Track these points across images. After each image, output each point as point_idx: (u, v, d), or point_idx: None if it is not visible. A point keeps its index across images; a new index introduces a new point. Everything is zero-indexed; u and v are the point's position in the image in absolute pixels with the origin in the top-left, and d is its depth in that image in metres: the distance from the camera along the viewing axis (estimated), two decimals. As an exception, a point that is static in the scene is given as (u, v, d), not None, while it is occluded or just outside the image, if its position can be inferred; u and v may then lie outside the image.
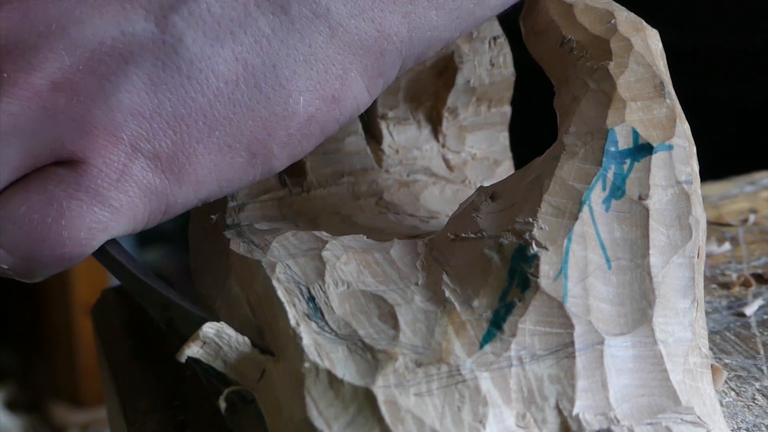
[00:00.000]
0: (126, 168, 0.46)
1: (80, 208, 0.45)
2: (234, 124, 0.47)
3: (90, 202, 0.45)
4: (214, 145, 0.47)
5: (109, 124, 0.45)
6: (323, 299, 0.47)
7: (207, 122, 0.46)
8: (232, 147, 0.47)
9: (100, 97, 0.45)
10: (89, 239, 0.46)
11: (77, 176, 0.45)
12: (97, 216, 0.45)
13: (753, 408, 0.52)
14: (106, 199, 0.46)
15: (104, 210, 0.46)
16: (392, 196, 0.58)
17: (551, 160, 0.48)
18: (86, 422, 1.90)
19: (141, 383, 0.55)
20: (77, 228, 0.45)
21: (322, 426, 0.43)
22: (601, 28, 0.50)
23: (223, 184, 0.48)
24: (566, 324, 0.45)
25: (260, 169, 0.48)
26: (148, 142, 0.46)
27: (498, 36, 0.60)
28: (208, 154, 0.47)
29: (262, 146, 0.47)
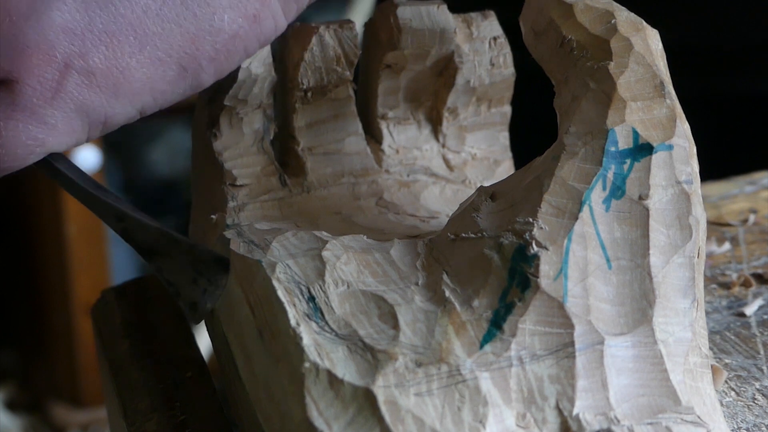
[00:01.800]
0: (60, 85, 0.47)
1: (16, 127, 0.47)
2: (163, 38, 0.49)
3: (26, 120, 0.47)
4: (146, 59, 0.49)
5: (42, 42, 0.47)
6: (323, 299, 0.47)
7: (137, 37, 0.48)
8: (162, 61, 0.49)
9: (31, 17, 0.47)
10: (26, 154, 0.48)
11: (13, 95, 0.47)
12: (32, 133, 0.47)
13: (753, 408, 0.52)
14: (41, 116, 0.47)
15: (40, 127, 0.48)
16: (392, 196, 0.58)
17: (551, 160, 0.48)
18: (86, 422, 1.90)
19: (141, 383, 0.55)
20: (14, 145, 0.47)
21: (322, 426, 0.43)
22: (601, 28, 0.50)
23: (157, 96, 0.50)
24: (566, 324, 0.45)
25: (190, 81, 0.51)
26: (81, 58, 0.48)
27: (498, 36, 0.60)
28: (140, 68, 0.49)
29: (192, 60, 0.50)
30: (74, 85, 0.48)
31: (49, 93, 0.47)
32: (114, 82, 0.48)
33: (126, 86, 0.49)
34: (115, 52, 0.48)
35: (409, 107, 0.60)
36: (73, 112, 0.48)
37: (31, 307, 2.05)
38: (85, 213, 1.85)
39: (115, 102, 0.49)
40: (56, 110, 0.48)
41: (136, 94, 0.49)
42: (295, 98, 0.57)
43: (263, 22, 0.51)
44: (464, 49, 0.59)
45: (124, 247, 2.04)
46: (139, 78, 0.49)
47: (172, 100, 0.51)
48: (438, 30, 0.58)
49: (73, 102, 0.48)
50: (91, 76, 0.48)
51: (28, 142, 0.47)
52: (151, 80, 0.49)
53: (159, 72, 0.49)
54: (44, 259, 1.96)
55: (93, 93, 0.48)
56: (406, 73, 0.59)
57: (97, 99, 0.48)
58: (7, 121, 0.47)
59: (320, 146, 0.58)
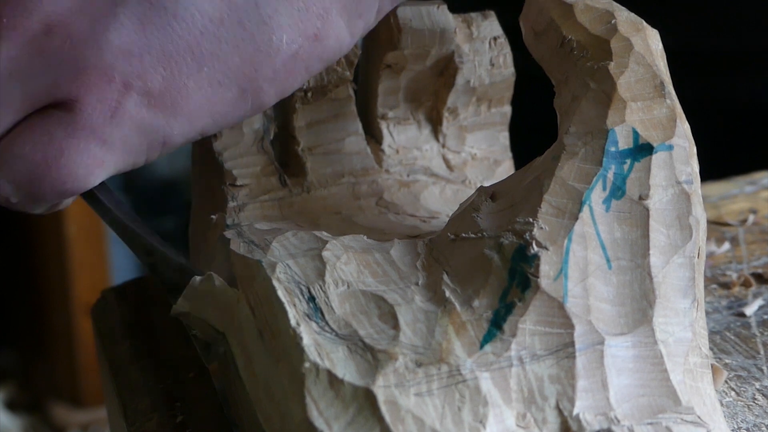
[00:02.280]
0: (119, 105, 0.48)
1: (77, 146, 0.48)
2: (221, 60, 0.49)
3: (86, 139, 0.48)
4: (204, 80, 0.49)
5: (101, 63, 0.47)
6: (323, 299, 0.47)
7: (195, 58, 0.48)
8: (221, 82, 0.49)
9: (91, 38, 0.47)
10: (87, 174, 0.48)
11: (74, 115, 0.47)
12: (93, 152, 0.48)
13: (753, 408, 0.52)
14: (101, 136, 0.48)
15: (99, 146, 0.48)
16: (392, 196, 0.58)
17: (551, 160, 0.48)
18: (86, 422, 1.90)
19: (141, 383, 0.55)
20: (75, 165, 0.48)
21: (322, 426, 0.43)
22: (601, 28, 0.50)
23: (217, 118, 0.50)
24: (566, 324, 0.45)
25: (251, 103, 0.50)
26: (140, 78, 0.48)
27: (498, 36, 0.60)
28: (198, 89, 0.49)
29: (250, 81, 0.49)
30: (133, 105, 0.48)
31: (109, 112, 0.47)
32: (172, 103, 0.48)
33: (184, 107, 0.48)
34: (172, 73, 0.48)
35: (409, 107, 0.60)
36: (132, 132, 0.48)
37: (31, 307, 2.05)
38: (85, 213, 1.86)
39: (174, 122, 0.49)
40: (115, 129, 0.48)
41: (195, 115, 0.49)
42: (295, 98, 0.57)
43: (325, 41, 0.50)
44: (464, 49, 0.59)
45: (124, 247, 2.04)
46: (197, 99, 0.49)
47: (233, 121, 0.51)
48: (438, 30, 0.58)
49: (132, 121, 0.48)
50: (150, 97, 0.48)
51: (88, 162, 0.48)
52: (210, 102, 0.49)
53: (218, 94, 0.49)
54: (44, 259, 1.96)
55: (151, 113, 0.48)
56: (406, 73, 0.59)
57: (156, 119, 0.48)
58: (68, 140, 0.47)
59: (320, 146, 0.58)
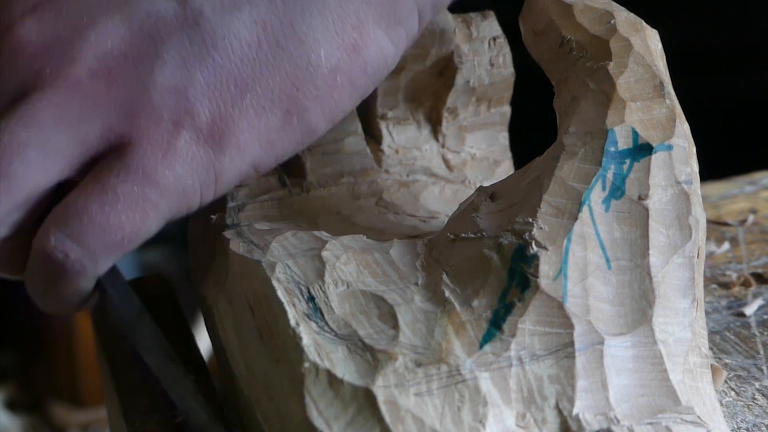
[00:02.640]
0: (170, 144, 0.48)
1: (132, 191, 0.47)
2: (262, 83, 0.49)
3: (140, 183, 0.47)
4: (248, 106, 0.49)
5: (148, 104, 0.47)
6: (323, 299, 0.47)
7: (238, 86, 0.48)
8: (264, 107, 0.49)
9: (136, 80, 0.48)
10: (145, 220, 0.48)
11: (126, 159, 0.47)
12: (148, 196, 0.48)
13: (753, 408, 0.52)
14: (154, 178, 0.47)
15: (154, 188, 0.48)
16: (392, 196, 0.58)
17: (551, 160, 0.48)
18: (86, 422, 1.90)
19: (141, 383, 0.55)
20: (132, 210, 0.47)
21: (322, 426, 0.43)
22: (600, 28, 0.50)
23: (266, 146, 0.49)
24: (566, 324, 0.45)
25: (299, 127, 0.50)
26: (188, 115, 0.48)
27: (498, 36, 0.60)
28: (244, 116, 0.49)
29: (293, 102, 0.49)
30: (183, 142, 0.48)
31: (161, 152, 0.47)
32: (220, 135, 0.48)
33: (231, 138, 0.48)
34: (218, 104, 0.48)
35: (409, 107, 0.60)
36: (184, 171, 0.48)
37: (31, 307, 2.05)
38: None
39: (222, 156, 0.48)
40: (168, 170, 0.48)
41: (244, 146, 0.49)
42: (294, 98, 0.57)
43: (364, 51, 0.50)
44: (464, 49, 0.59)
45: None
46: (243, 128, 0.48)
47: (285, 148, 0.50)
48: (437, 30, 0.58)
49: (183, 159, 0.48)
50: (199, 132, 0.48)
51: (143, 205, 0.47)
52: (257, 129, 0.49)
53: (263, 119, 0.49)
54: (44, 259, 1.95)
55: (201, 148, 0.48)
56: (405, 73, 0.59)
57: (206, 154, 0.48)
58: (124, 186, 0.47)
59: (320, 146, 0.58)
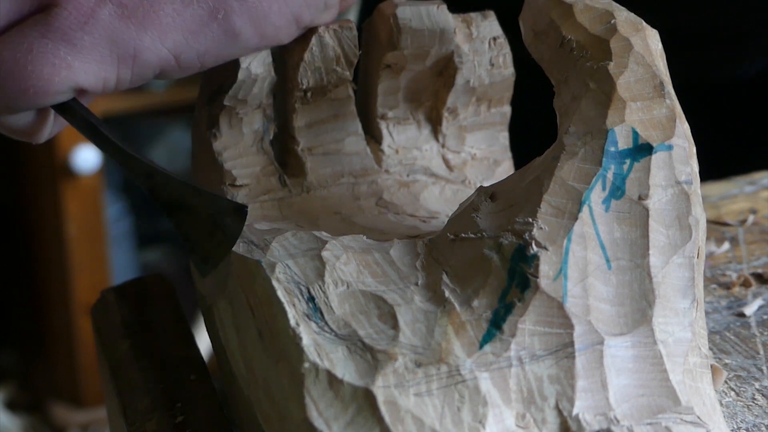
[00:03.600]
0: (93, 12, 0.50)
1: (45, 46, 0.50)
2: None
3: (56, 41, 0.50)
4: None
5: None
6: (323, 299, 0.47)
7: None
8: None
9: None
10: (52, 75, 0.50)
11: (48, 18, 0.50)
12: (60, 53, 0.50)
13: (753, 408, 0.52)
14: (71, 39, 0.50)
15: (68, 48, 0.50)
16: (392, 196, 0.58)
17: (551, 160, 0.48)
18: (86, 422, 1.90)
19: (141, 383, 0.55)
20: (41, 63, 0.50)
21: (321, 426, 0.43)
22: (600, 28, 0.50)
23: (188, 36, 0.52)
24: (566, 324, 0.45)
25: (223, 26, 0.52)
26: None
27: (498, 36, 0.60)
28: (170, 2, 0.51)
29: (220, 0, 0.52)
30: (107, 14, 0.50)
31: (83, 18, 0.50)
32: (143, 14, 0.51)
33: (155, 19, 0.51)
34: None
35: (409, 107, 0.60)
36: (102, 39, 0.50)
37: (31, 307, 2.05)
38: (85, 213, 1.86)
39: (144, 34, 0.51)
40: (86, 35, 0.50)
41: (165, 29, 0.51)
42: (294, 98, 0.57)
43: None
44: (464, 49, 0.59)
45: (124, 247, 2.04)
46: (168, 12, 0.51)
47: (207, 47, 0.52)
48: (438, 30, 0.58)
49: (104, 29, 0.50)
50: (123, 8, 0.50)
51: (54, 62, 0.49)
52: (181, 17, 0.51)
53: (189, 9, 0.51)
54: (44, 259, 1.96)
55: (122, 23, 0.50)
56: (405, 73, 0.59)
57: (126, 29, 0.50)
58: (40, 40, 0.49)
59: (320, 146, 0.58)
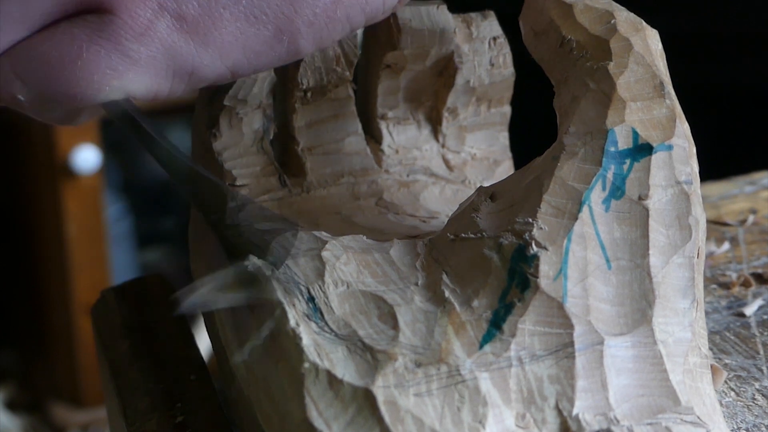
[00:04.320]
0: (151, 24, 0.47)
1: (98, 53, 0.47)
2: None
3: (109, 48, 0.47)
4: (241, 13, 0.48)
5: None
6: (323, 299, 0.47)
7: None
8: (258, 18, 0.49)
9: None
10: (102, 83, 0.47)
11: (102, 24, 0.47)
12: (113, 63, 0.47)
13: (753, 408, 0.52)
14: (125, 50, 0.47)
15: (122, 59, 0.47)
16: (392, 196, 0.58)
17: (551, 160, 0.48)
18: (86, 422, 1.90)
19: (141, 383, 0.55)
20: (92, 70, 0.47)
21: (321, 426, 0.43)
22: (600, 28, 0.50)
23: (250, 55, 0.49)
24: (566, 324, 0.45)
25: (287, 46, 0.50)
26: (176, 2, 0.47)
27: (498, 36, 0.60)
28: (234, 21, 0.48)
29: (288, 22, 0.49)
30: (165, 26, 0.47)
31: (139, 29, 0.47)
32: (205, 32, 0.48)
33: (217, 38, 0.48)
34: (209, 2, 0.48)
35: (409, 107, 0.60)
36: (159, 54, 0.48)
37: (31, 307, 2.05)
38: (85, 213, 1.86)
39: (204, 52, 0.48)
40: (142, 47, 0.47)
41: (227, 49, 0.48)
42: (294, 98, 0.57)
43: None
44: (464, 49, 0.59)
45: (124, 247, 2.04)
46: (231, 31, 0.48)
47: (267, 63, 0.50)
48: (438, 30, 0.58)
49: (161, 43, 0.47)
50: (183, 22, 0.47)
51: (106, 70, 0.47)
52: (245, 36, 0.48)
53: (253, 29, 0.49)
54: (44, 259, 1.96)
55: (182, 39, 0.48)
56: (405, 73, 0.59)
57: (186, 46, 0.48)
58: (90, 45, 0.47)
59: (320, 146, 0.58)
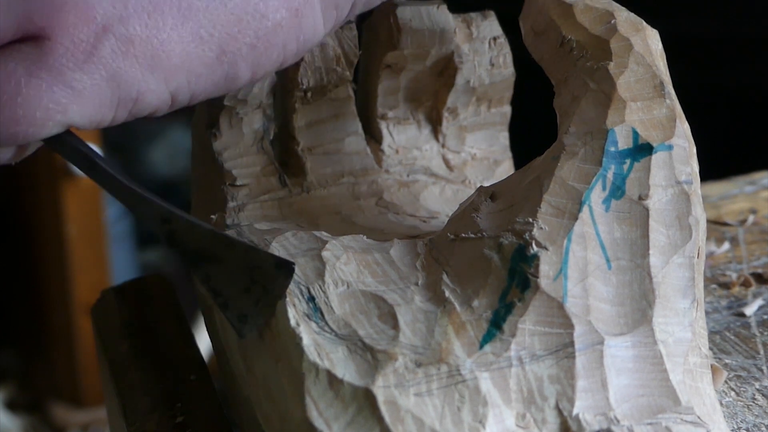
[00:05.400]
0: (94, 49, 0.44)
1: (39, 87, 0.43)
2: (208, 15, 0.46)
3: (50, 81, 0.44)
4: (188, 34, 0.46)
5: (81, 1, 0.44)
6: (323, 299, 0.47)
7: (182, 10, 0.46)
8: (203, 39, 0.47)
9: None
10: (45, 119, 0.44)
11: (41, 54, 0.43)
12: (56, 96, 0.44)
13: (753, 408, 0.52)
14: (68, 80, 0.44)
15: (65, 91, 0.44)
16: (392, 196, 0.58)
17: (551, 160, 0.48)
18: (86, 422, 1.90)
19: (141, 383, 0.55)
20: (33, 107, 0.44)
21: (322, 426, 0.43)
22: (601, 28, 0.50)
23: (192, 79, 0.47)
24: (566, 324, 0.45)
25: (227, 69, 0.48)
26: (122, 24, 0.45)
27: (498, 36, 0.60)
28: (180, 42, 0.46)
29: (233, 42, 0.47)
30: (110, 51, 0.44)
31: (82, 56, 0.44)
32: (152, 54, 0.45)
33: (164, 60, 0.45)
34: (156, 22, 0.45)
35: (409, 107, 0.60)
36: (103, 81, 0.44)
37: (31, 307, 2.05)
38: (85, 213, 1.86)
39: (150, 77, 0.45)
40: (86, 75, 0.44)
41: (172, 72, 0.46)
42: (295, 98, 0.57)
43: (304, 19, 0.49)
44: (464, 49, 0.59)
45: (124, 247, 2.04)
46: (178, 53, 0.46)
47: (204, 89, 0.48)
48: (438, 30, 0.58)
49: (106, 69, 0.44)
50: (129, 44, 0.44)
51: (49, 105, 0.44)
52: (190, 58, 0.46)
53: (198, 50, 0.46)
54: (44, 259, 1.96)
55: (128, 62, 0.45)
56: (406, 73, 0.59)
57: (132, 70, 0.45)
58: (29, 79, 0.43)
59: (320, 146, 0.58)
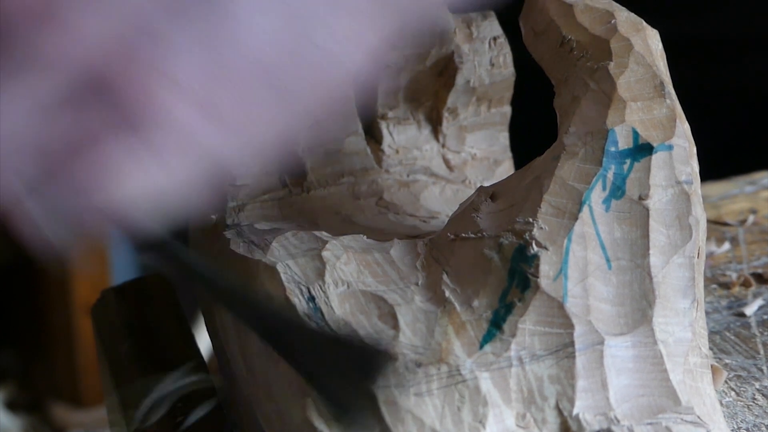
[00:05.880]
0: (190, 129, 0.42)
1: (137, 165, 0.42)
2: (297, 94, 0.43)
3: (128, 141, 0.42)
4: (275, 103, 0.42)
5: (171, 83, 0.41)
6: (323, 299, 0.47)
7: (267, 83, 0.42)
8: (297, 114, 0.43)
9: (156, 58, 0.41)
10: (138, 195, 0.42)
11: (121, 118, 0.41)
12: (152, 177, 0.42)
13: (753, 408, 0.52)
14: (164, 161, 0.42)
15: (161, 170, 0.42)
16: (392, 196, 0.58)
17: (551, 160, 0.48)
18: (86, 422, 1.90)
19: (141, 383, 0.55)
20: (130, 186, 0.42)
21: (321, 426, 0.43)
22: (601, 28, 0.50)
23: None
24: (566, 324, 0.45)
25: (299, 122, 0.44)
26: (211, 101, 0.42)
27: (498, 36, 0.60)
28: (267, 111, 0.42)
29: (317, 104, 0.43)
30: (202, 127, 0.42)
31: (177, 137, 0.42)
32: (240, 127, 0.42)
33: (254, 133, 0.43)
34: (242, 95, 0.42)
35: (409, 107, 0.60)
36: (196, 157, 0.42)
37: (31, 307, 2.05)
38: (85, 213, 1.86)
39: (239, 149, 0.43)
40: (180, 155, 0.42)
41: (264, 144, 0.43)
42: (295, 98, 0.57)
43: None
44: (464, 49, 0.59)
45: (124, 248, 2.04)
46: (266, 121, 0.43)
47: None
48: (438, 30, 0.58)
49: (200, 146, 0.42)
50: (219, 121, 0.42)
51: (146, 186, 0.42)
52: (278, 132, 0.43)
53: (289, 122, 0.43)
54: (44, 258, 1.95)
55: (221, 137, 0.42)
56: (405, 73, 0.59)
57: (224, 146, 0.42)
58: (106, 134, 0.41)
59: (320, 146, 0.58)
